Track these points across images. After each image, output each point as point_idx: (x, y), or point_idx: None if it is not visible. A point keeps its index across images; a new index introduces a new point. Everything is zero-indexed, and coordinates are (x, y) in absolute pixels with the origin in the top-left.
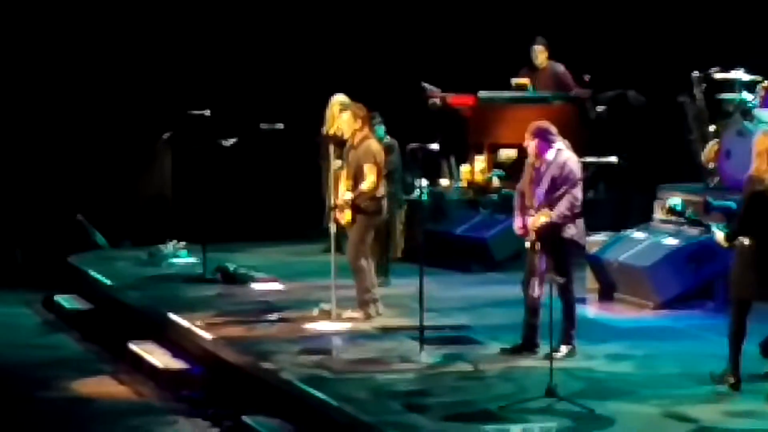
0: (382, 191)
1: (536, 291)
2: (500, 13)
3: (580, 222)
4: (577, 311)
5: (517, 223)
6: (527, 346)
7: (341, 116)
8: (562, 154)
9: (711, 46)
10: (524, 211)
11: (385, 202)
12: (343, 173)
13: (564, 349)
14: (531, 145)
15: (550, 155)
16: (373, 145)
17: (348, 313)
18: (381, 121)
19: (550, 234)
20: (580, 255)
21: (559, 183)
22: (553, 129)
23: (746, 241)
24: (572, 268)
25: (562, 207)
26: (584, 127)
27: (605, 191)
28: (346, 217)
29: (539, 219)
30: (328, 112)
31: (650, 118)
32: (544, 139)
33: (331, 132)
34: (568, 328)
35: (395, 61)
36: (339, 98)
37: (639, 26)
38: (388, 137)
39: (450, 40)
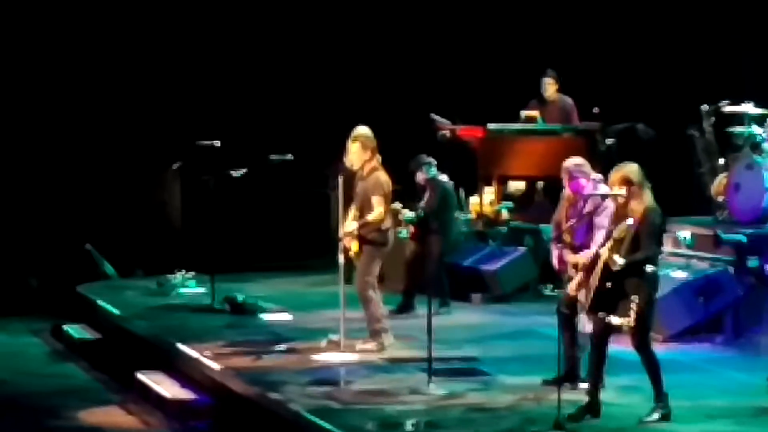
0: (388, 223)
1: (586, 328)
2: (509, 46)
3: None
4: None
5: (554, 258)
6: (568, 378)
7: (351, 147)
8: (599, 188)
9: (720, 80)
10: (560, 244)
11: (391, 234)
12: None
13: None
14: (568, 184)
15: (587, 191)
16: (382, 176)
17: (360, 345)
18: (431, 162)
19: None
20: None
21: (594, 217)
22: (582, 161)
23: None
24: None
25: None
26: (594, 160)
27: None
28: (353, 247)
29: (581, 259)
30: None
31: (659, 151)
32: (578, 177)
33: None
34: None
35: (404, 93)
36: (361, 130)
37: (648, 59)
38: (442, 175)
39: (459, 73)
